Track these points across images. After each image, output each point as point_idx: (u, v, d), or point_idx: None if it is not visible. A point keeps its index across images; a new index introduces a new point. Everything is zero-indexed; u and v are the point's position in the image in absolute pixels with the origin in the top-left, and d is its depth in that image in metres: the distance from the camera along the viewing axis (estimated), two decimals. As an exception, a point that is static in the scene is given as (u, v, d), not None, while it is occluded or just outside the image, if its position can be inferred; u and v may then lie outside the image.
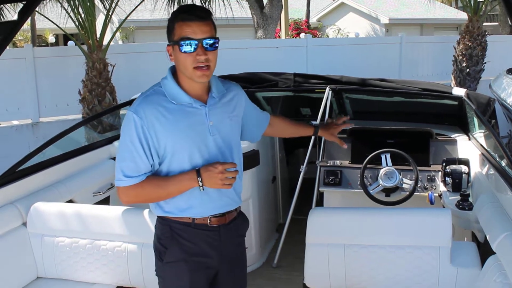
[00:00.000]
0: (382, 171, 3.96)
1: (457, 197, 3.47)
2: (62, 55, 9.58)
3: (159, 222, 2.38)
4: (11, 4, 7.45)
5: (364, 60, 12.13)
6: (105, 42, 8.65)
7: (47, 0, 8.82)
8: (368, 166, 4.05)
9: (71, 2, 8.16)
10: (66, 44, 10.65)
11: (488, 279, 2.42)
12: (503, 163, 3.17)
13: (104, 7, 8.81)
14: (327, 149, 4.43)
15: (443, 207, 3.61)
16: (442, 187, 3.84)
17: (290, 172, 5.91)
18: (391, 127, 4.38)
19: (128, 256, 3.04)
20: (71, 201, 3.69)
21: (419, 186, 4.00)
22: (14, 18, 2.55)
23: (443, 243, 2.73)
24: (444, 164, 3.81)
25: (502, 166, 3.10)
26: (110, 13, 8.67)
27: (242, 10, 12.53)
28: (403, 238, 2.79)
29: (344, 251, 2.84)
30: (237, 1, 10.96)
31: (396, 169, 3.96)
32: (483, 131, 4.09)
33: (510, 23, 20.85)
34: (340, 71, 5.89)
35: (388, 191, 4.02)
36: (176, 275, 2.33)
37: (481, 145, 3.83)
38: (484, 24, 12.41)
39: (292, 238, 4.60)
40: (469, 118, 4.38)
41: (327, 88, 4.54)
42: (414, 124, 4.57)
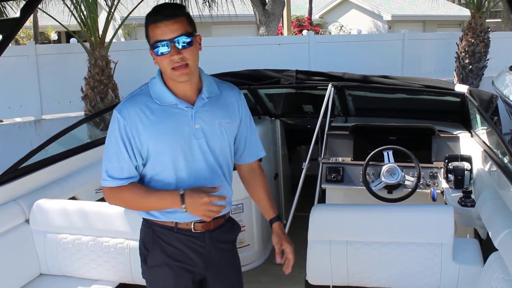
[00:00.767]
0: (384, 168, 3.96)
1: (459, 194, 3.46)
2: (65, 52, 9.59)
3: (144, 224, 2.33)
4: (14, 2, 7.45)
5: (366, 57, 12.11)
6: (107, 39, 8.65)
7: (49, -2, 8.83)
8: (370, 163, 4.05)
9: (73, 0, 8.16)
10: (68, 41, 10.64)
11: (490, 276, 2.42)
12: (506, 160, 3.17)
13: (106, 4, 8.80)
14: (329, 146, 4.43)
15: (445, 204, 3.60)
16: (444, 184, 3.84)
17: (292, 169, 5.91)
18: (393, 124, 4.38)
19: (130, 253, 3.05)
20: (73, 198, 3.70)
21: (421, 183, 4.00)
22: (17, 15, 2.55)
23: (445, 240, 2.73)
24: (446, 161, 3.80)
25: (504, 163, 3.10)
26: (112, 10, 8.67)
27: (244, 7, 12.51)
28: (405, 235, 2.79)
29: (346, 248, 2.84)
30: (239, -2, 10.95)
31: (398, 166, 3.96)
32: (485, 128, 4.08)
33: (513, 20, 20.79)
34: (343, 68, 5.86)
35: (390, 188, 4.03)
36: (160, 280, 2.29)
37: (483, 142, 3.83)
38: (487, 20, 12.38)
39: (294, 235, 4.56)
40: (471, 115, 4.38)
41: (330, 85, 4.54)
42: (417, 121, 4.57)
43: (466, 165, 3.71)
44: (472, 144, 4.07)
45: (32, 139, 8.70)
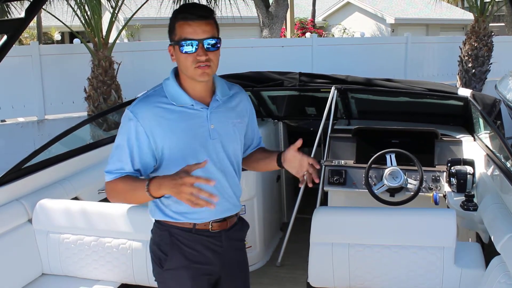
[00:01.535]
0: (387, 171, 3.96)
1: (461, 197, 3.46)
2: (68, 52, 9.62)
3: (157, 227, 2.31)
4: (18, 2, 7.48)
5: (369, 60, 12.11)
6: (111, 40, 8.67)
7: (53, -2, 8.86)
8: (373, 166, 4.04)
9: (77, 0, 8.18)
10: (72, 41, 10.67)
11: (492, 280, 2.41)
12: (508, 164, 3.17)
13: (110, 5, 8.84)
14: (332, 148, 4.43)
15: (448, 207, 3.60)
16: (447, 188, 3.83)
17: None
18: (396, 127, 4.37)
19: (132, 254, 3.05)
20: (76, 198, 3.71)
21: (423, 186, 3.99)
22: (21, 15, 2.56)
23: (448, 243, 2.73)
24: (449, 164, 3.80)
25: (507, 167, 3.09)
26: (116, 11, 8.70)
27: (247, 9, 12.53)
28: (408, 238, 2.79)
29: (348, 250, 2.84)
30: (243, 0, 10.96)
31: (401, 169, 3.95)
32: (488, 132, 4.08)
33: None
34: (345, 71, 5.88)
35: (392, 191, 4.02)
36: (177, 283, 2.28)
37: (486, 146, 3.82)
38: (490, 24, 12.36)
39: (296, 237, 4.60)
40: (474, 119, 4.38)
41: (333, 88, 4.54)
42: (419, 124, 4.57)
43: (469, 169, 3.71)
44: (475, 148, 4.07)
45: (35, 139, 8.72)
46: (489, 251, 2.83)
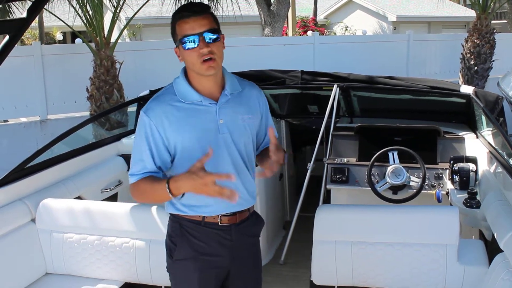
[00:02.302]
0: (390, 169, 3.96)
1: (464, 195, 3.46)
2: (70, 52, 9.62)
3: (171, 219, 2.38)
4: (20, 2, 7.48)
5: (371, 58, 12.09)
6: (112, 40, 8.67)
7: (55, -2, 8.86)
8: (375, 163, 4.04)
9: (79, 0, 8.18)
10: (73, 41, 10.68)
11: (496, 277, 2.41)
12: (511, 161, 3.16)
13: (112, 4, 8.83)
14: (334, 146, 4.43)
15: (451, 205, 3.60)
16: (449, 185, 3.83)
17: (297, 170, 5.91)
18: (398, 125, 4.37)
19: (136, 253, 3.06)
20: (79, 197, 3.71)
21: (426, 184, 3.99)
22: (23, 15, 2.56)
23: (451, 241, 2.73)
24: (451, 162, 3.80)
25: (510, 164, 3.09)
26: (118, 10, 8.69)
27: (249, 7, 12.52)
28: (410, 235, 2.79)
29: (351, 248, 2.84)
30: (244, -1, 10.95)
31: (403, 166, 3.95)
32: (491, 129, 4.07)
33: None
34: (347, 69, 5.87)
35: (395, 189, 4.02)
36: (185, 273, 2.33)
37: (489, 143, 3.82)
38: (492, 22, 12.34)
39: (299, 235, 4.60)
40: (477, 116, 4.37)
41: (335, 86, 4.54)
42: (422, 122, 4.57)
43: (472, 166, 3.70)
44: (477, 145, 4.07)
45: (37, 139, 8.73)
46: (492, 249, 2.83)
